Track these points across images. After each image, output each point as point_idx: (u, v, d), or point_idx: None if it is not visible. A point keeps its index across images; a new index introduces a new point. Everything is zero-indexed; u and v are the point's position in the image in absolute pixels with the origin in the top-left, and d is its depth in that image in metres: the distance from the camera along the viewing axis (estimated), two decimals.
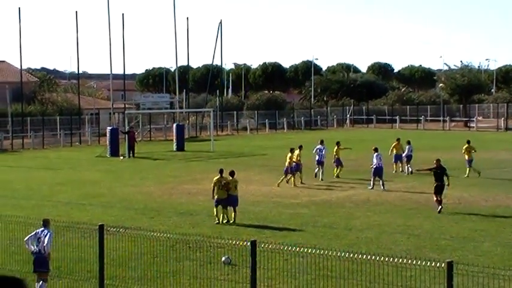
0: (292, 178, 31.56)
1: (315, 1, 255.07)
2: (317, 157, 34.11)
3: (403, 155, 35.98)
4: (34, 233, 14.79)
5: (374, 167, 30.56)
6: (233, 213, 22.95)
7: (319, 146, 34.51)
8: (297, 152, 32.19)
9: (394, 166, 35.87)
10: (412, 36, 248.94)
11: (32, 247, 14.63)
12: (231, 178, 23.47)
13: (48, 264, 14.81)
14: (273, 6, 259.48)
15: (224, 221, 22.86)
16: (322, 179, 33.10)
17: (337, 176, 34.02)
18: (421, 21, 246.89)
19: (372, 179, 30.56)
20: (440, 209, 24.78)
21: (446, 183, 25.42)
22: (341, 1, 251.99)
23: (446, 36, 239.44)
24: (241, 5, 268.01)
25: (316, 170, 33.99)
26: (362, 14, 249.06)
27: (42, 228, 14.72)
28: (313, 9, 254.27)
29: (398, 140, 36.74)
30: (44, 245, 14.44)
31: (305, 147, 34.30)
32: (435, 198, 25.02)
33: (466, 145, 35.02)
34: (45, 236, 14.52)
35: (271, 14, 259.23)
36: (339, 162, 34.65)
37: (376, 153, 30.99)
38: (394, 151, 36.07)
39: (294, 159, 31.69)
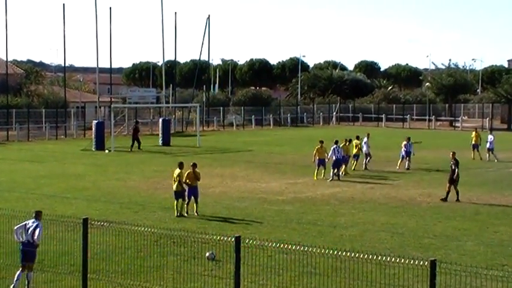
0: (353, 165, 33.57)
1: None
2: (365, 148, 36.62)
3: (402, 151, 37.00)
4: (24, 223, 14.74)
5: (333, 159, 32.39)
6: (194, 204, 23.27)
7: (365, 139, 36.83)
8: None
9: (399, 163, 36.99)
10: (399, 34, 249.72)
11: (21, 237, 14.63)
12: (194, 169, 23.79)
13: (36, 256, 14.83)
14: (261, 2, 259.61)
15: (186, 213, 23.01)
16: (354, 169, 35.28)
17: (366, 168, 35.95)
18: (408, 20, 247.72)
19: (332, 171, 32.24)
20: (444, 198, 26.49)
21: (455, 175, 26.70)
22: None
23: (433, 35, 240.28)
24: (229, 0, 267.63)
25: (366, 160, 36.35)
26: (349, 11, 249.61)
27: (34, 220, 14.68)
28: (301, 7, 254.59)
29: (408, 138, 37.63)
30: (35, 237, 14.43)
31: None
32: (448, 185, 26.68)
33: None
34: (36, 228, 14.49)
35: (259, 10, 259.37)
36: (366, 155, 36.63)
37: (334, 146, 32.61)
38: (403, 148, 37.17)
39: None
